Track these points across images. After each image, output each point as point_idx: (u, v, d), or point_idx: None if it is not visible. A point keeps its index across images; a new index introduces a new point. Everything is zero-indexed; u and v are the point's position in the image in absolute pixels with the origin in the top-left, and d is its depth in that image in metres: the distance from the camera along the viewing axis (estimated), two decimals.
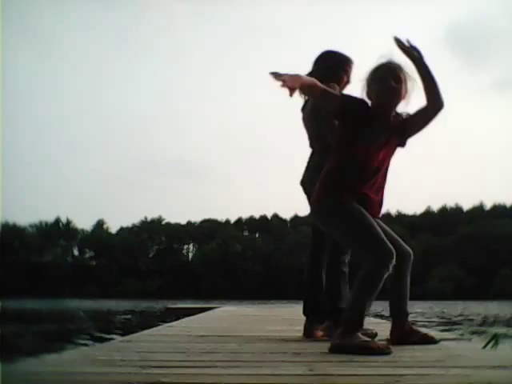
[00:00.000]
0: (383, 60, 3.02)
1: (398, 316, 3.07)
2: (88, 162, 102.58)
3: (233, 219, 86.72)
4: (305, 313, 3.60)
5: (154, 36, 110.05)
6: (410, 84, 2.99)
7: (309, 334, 3.53)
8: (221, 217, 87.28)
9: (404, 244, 3.05)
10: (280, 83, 2.65)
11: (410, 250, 3.07)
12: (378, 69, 3.01)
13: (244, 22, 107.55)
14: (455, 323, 11.21)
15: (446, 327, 9.32)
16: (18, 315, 16.01)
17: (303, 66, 3.53)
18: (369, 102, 2.99)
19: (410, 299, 3.07)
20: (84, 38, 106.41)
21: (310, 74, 3.31)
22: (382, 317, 8.55)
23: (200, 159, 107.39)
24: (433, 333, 3.51)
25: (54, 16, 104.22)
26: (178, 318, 8.14)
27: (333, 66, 3.54)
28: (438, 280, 66.47)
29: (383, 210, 3.13)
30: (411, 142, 3.09)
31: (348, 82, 3.58)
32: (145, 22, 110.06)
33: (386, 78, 2.95)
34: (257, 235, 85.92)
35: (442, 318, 13.88)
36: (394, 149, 3.05)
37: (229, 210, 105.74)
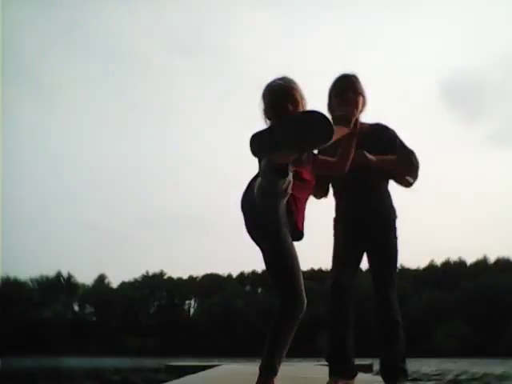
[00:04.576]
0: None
1: (265, 370, 2.60)
2: (89, 216, 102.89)
3: (235, 274, 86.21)
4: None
5: (155, 91, 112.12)
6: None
7: None
8: (223, 271, 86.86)
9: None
10: None
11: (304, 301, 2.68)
12: None
13: (244, 77, 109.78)
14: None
15: None
16: (16, 375, 15.70)
17: None
18: None
19: (415, 357, 2.94)
20: (85, 91, 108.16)
21: None
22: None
23: (201, 213, 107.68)
24: None
25: (57, 69, 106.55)
26: (179, 377, 7.98)
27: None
28: (442, 336, 65.06)
29: None
30: (415, 195, 3.10)
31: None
32: (146, 77, 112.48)
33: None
34: (259, 290, 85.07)
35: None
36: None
37: (231, 265, 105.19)
